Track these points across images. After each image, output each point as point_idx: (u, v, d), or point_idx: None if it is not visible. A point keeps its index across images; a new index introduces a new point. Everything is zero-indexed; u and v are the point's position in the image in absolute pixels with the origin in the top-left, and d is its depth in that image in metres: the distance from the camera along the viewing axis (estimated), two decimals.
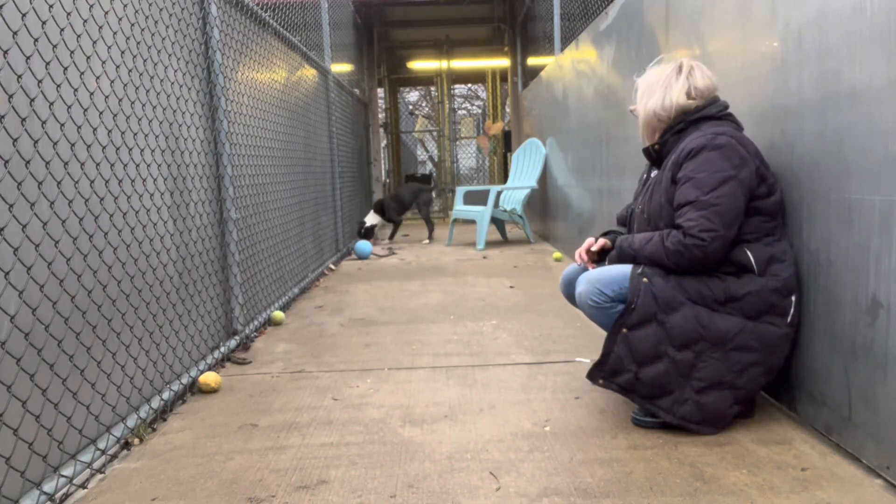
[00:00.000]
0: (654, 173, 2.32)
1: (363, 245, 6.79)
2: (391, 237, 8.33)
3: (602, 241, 2.37)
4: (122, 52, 2.33)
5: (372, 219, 7.82)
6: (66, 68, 1.98)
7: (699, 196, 2.01)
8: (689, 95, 2.17)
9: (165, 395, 2.46)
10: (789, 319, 2.04)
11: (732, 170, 2.01)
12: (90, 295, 2.05)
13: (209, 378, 2.70)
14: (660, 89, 2.21)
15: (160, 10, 2.68)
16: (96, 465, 1.99)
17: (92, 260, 2.07)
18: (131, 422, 2.21)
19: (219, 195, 3.26)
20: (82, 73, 2.07)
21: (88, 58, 2.11)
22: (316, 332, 3.63)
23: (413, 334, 3.49)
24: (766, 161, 2.11)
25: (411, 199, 8.15)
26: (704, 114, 2.16)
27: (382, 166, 12.40)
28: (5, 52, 1.70)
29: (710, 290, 2.03)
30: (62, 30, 1.96)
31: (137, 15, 2.46)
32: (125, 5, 2.37)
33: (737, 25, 2.46)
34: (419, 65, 12.08)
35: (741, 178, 2.01)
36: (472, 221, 6.62)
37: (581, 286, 2.17)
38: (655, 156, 2.28)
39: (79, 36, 2.05)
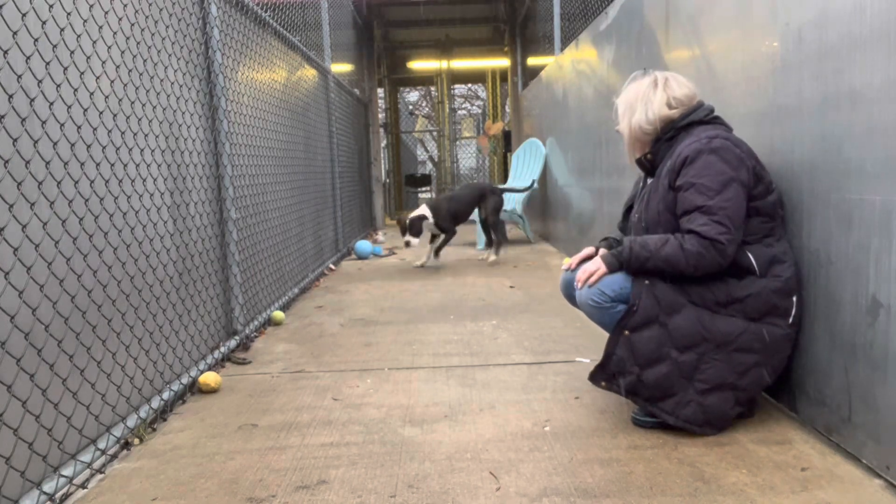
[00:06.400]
0: (649, 181, 2.32)
1: (363, 245, 6.78)
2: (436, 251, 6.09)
3: (603, 251, 2.35)
4: (122, 52, 2.33)
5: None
6: (66, 68, 1.97)
7: (706, 201, 2.00)
8: (669, 106, 2.19)
9: (165, 395, 2.46)
10: (791, 320, 2.04)
11: (732, 171, 2.01)
12: (90, 295, 2.05)
13: (209, 378, 2.70)
14: (640, 105, 2.22)
15: (160, 10, 2.68)
16: (96, 465, 1.99)
17: (92, 260, 2.07)
18: (131, 422, 2.21)
19: (219, 195, 3.26)
20: (82, 73, 2.07)
21: (88, 58, 2.10)
22: (316, 332, 3.63)
23: (413, 334, 3.49)
24: (763, 161, 2.11)
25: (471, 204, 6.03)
26: (692, 119, 2.17)
27: (382, 166, 12.39)
28: (5, 52, 1.70)
29: (711, 292, 2.03)
30: (62, 30, 1.95)
31: (137, 15, 2.46)
32: (125, 5, 2.37)
33: (737, 25, 2.46)
34: (419, 65, 12.08)
35: (741, 179, 2.01)
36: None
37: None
38: (649, 165, 2.28)
39: (79, 36, 2.05)
